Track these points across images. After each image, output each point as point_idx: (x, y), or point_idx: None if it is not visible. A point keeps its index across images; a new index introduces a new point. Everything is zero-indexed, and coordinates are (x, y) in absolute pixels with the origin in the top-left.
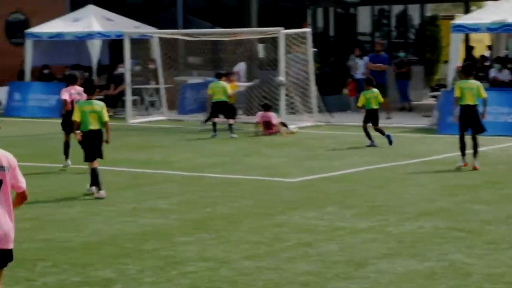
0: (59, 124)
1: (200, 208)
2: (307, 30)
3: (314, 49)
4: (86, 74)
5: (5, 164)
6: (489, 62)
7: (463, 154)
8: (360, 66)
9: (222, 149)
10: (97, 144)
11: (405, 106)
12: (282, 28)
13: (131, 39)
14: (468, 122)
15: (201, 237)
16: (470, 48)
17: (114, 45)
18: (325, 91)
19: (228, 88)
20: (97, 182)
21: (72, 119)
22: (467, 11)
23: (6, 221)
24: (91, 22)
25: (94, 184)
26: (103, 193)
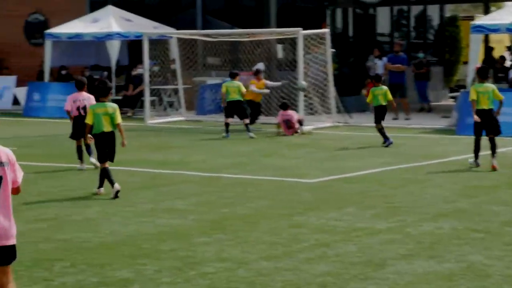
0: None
1: (217, 208)
2: (326, 30)
3: (333, 49)
4: (105, 73)
5: (4, 160)
6: (509, 63)
7: (476, 156)
8: (379, 67)
9: (239, 149)
10: (109, 146)
11: (424, 107)
12: (301, 28)
13: (150, 40)
14: (482, 126)
15: (218, 237)
16: (489, 49)
17: (133, 45)
18: (343, 91)
19: (242, 87)
20: (110, 180)
21: (85, 121)
22: (486, 11)
23: (6, 216)
24: (110, 22)
25: (102, 185)
26: (117, 185)
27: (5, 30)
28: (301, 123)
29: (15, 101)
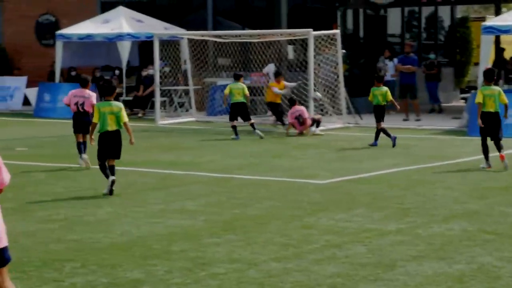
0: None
1: (228, 209)
2: (337, 31)
3: (344, 50)
4: (117, 72)
5: None
6: None
7: (486, 158)
8: (389, 68)
9: (250, 150)
10: (112, 145)
11: (434, 108)
12: (312, 29)
13: (161, 41)
14: (489, 128)
15: (229, 238)
16: (500, 50)
17: (143, 46)
18: (354, 92)
19: (246, 89)
20: (104, 174)
21: (92, 121)
22: (497, 12)
23: None
24: (121, 23)
25: (108, 175)
26: (112, 177)
27: (16, 30)
28: (318, 124)
29: (26, 101)
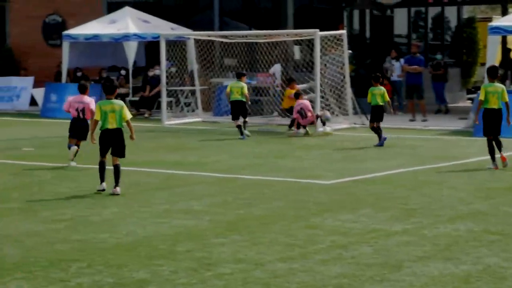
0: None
1: (233, 209)
2: (343, 32)
3: (350, 51)
4: (123, 72)
5: None
6: None
7: (492, 158)
8: (396, 68)
9: (255, 151)
10: (114, 142)
11: (441, 108)
12: (318, 30)
13: (167, 41)
14: (492, 125)
15: (234, 238)
16: (507, 50)
17: (150, 47)
18: (360, 93)
19: (245, 88)
20: (101, 176)
21: (94, 118)
22: (504, 13)
23: None
24: (128, 24)
25: (103, 179)
26: (104, 185)
27: (23, 31)
28: (322, 121)
29: (33, 101)
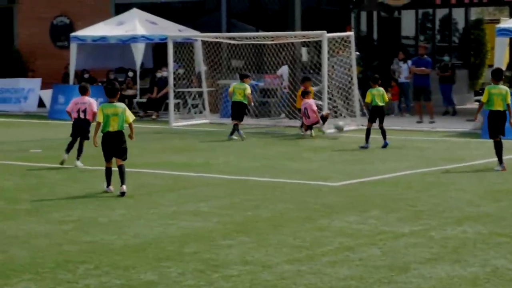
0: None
1: (241, 211)
2: (351, 33)
3: (357, 52)
4: (131, 74)
5: None
6: None
7: (500, 159)
8: (403, 70)
9: (263, 152)
10: (115, 145)
11: (448, 110)
12: (326, 31)
13: (175, 43)
14: (497, 127)
15: (242, 240)
16: None
17: (157, 48)
18: None
19: (248, 90)
20: (107, 180)
21: (97, 120)
22: None
23: None
24: (135, 25)
25: (109, 183)
26: (112, 188)
27: (31, 32)
28: (324, 121)
29: (41, 103)
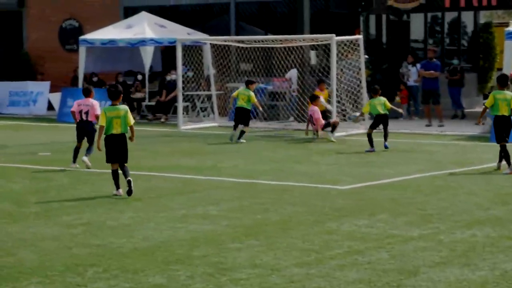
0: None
1: (250, 214)
2: (360, 37)
3: (366, 56)
4: (140, 77)
5: None
6: None
7: (508, 162)
8: (412, 73)
9: (272, 155)
10: (118, 147)
11: (457, 114)
12: (334, 35)
13: (184, 46)
14: (503, 132)
15: (251, 243)
16: None
17: (166, 51)
18: None
19: (253, 97)
20: (116, 183)
21: (99, 124)
22: None
23: None
24: (144, 28)
25: (118, 187)
26: (121, 191)
27: (40, 36)
28: (333, 129)
29: (50, 106)
